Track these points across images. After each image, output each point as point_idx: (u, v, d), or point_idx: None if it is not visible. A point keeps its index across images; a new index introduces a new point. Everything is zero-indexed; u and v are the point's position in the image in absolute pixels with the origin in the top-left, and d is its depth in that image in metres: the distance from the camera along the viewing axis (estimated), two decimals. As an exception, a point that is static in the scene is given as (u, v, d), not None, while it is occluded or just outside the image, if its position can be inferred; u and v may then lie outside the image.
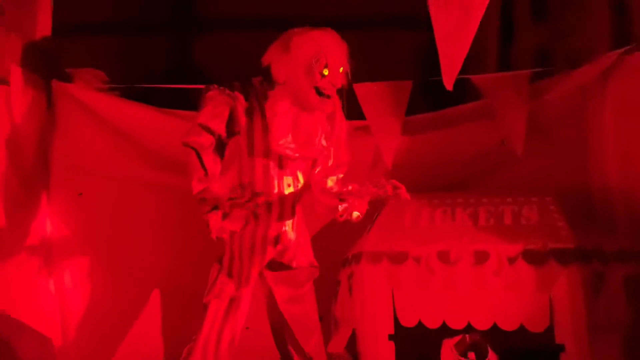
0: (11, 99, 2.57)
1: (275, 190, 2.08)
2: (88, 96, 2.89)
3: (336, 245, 2.71)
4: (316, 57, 2.02)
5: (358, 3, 4.01)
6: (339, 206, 2.07)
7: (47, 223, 2.80)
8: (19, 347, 0.84)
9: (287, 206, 2.10)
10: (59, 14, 2.89)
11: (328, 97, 2.07)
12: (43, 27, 2.82)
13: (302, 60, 2.03)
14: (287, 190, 2.09)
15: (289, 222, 2.12)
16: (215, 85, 2.12)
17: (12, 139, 2.60)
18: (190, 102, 3.12)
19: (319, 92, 2.05)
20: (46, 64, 2.84)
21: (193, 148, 2.04)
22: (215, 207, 1.95)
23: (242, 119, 2.07)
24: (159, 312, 2.83)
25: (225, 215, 1.97)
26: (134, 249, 2.86)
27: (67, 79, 2.91)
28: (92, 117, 2.86)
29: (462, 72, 3.04)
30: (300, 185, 2.13)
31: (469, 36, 1.82)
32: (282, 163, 2.08)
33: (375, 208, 2.67)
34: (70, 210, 2.84)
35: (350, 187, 2.07)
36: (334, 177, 2.17)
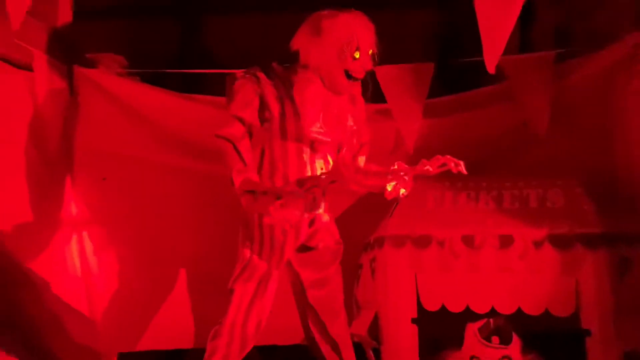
0: (35, 85, 2.59)
1: (309, 174, 2.08)
2: (109, 81, 2.90)
3: (357, 229, 2.72)
4: (348, 40, 2.01)
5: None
6: (388, 185, 2.08)
7: (72, 206, 2.83)
8: (70, 327, 0.86)
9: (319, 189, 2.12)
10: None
11: (356, 80, 2.06)
12: (64, 12, 2.83)
13: (334, 44, 2.02)
14: (320, 174, 2.10)
15: (322, 204, 2.13)
16: (241, 74, 2.12)
17: (37, 125, 2.63)
18: (202, 85, 3.12)
19: (348, 75, 2.05)
20: (68, 50, 2.84)
21: (229, 140, 2.03)
22: (278, 198, 1.96)
23: (273, 106, 2.07)
24: (186, 294, 2.87)
25: (283, 205, 1.98)
26: (158, 231, 2.88)
27: (88, 64, 2.92)
28: (114, 101, 2.87)
29: (482, 53, 3.01)
30: (330, 168, 2.14)
31: (512, 16, 1.79)
32: (314, 147, 2.08)
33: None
34: (94, 193, 2.86)
35: (396, 166, 2.08)
36: (363, 157, 2.18)
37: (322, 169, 2.11)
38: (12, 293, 0.78)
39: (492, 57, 1.88)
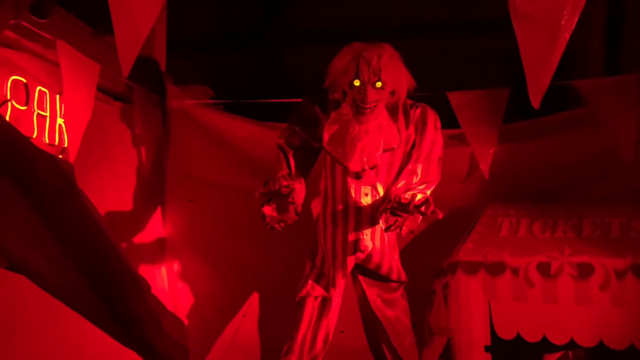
0: (133, 116, 2.86)
1: (352, 199, 2.12)
2: (197, 111, 3.12)
3: (429, 255, 2.72)
4: (345, 67, 2.05)
5: (449, 10, 3.96)
6: (382, 222, 2.03)
7: (163, 227, 3.06)
8: (165, 324, 0.99)
9: (364, 215, 2.14)
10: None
11: (364, 109, 2.04)
12: (159, 47, 3.10)
13: (336, 69, 2.09)
14: (364, 200, 2.13)
15: (367, 231, 2.14)
16: (309, 94, 2.24)
17: (134, 153, 2.89)
18: (282, 113, 3.27)
19: (356, 104, 2.05)
20: (161, 82, 3.11)
21: (281, 148, 2.16)
22: (270, 200, 2.04)
23: None
24: (257, 310, 2.98)
25: (280, 207, 2.05)
26: (237, 250, 3.03)
27: (179, 95, 3.17)
28: (202, 130, 3.09)
29: (565, 77, 2.93)
30: (378, 197, 2.15)
31: (556, 57, 1.79)
32: (359, 173, 2.12)
33: (469, 218, 2.65)
34: (182, 215, 3.08)
35: (400, 201, 2.01)
36: (412, 192, 2.13)
37: (366, 194, 2.13)
38: (123, 292, 0.93)
39: (537, 91, 1.85)
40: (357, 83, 2.04)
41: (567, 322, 2.24)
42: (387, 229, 2.04)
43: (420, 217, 2.04)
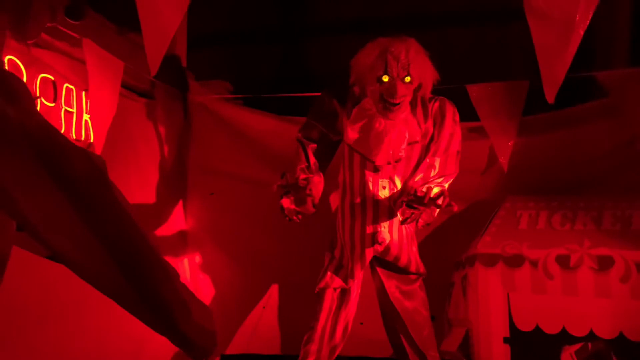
0: (156, 111, 2.92)
1: (370, 192, 2.14)
2: (218, 106, 3.17)
3: (448, 247, 2.74)
4: (373, 63, 2.04)
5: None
6: (399, 214, 2.04)
7: (185, 219, 3.13)
8: (192, 309, 1.05)
9: (382, 208, 2.16)
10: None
11: (393, 104, 2.05)
12: (180, 44, 3.16)
13: (363, 65, 2.08)
14: (382, 193, 2.15)
15: (385, 224, 2.17)
16: (330, 88, 2.26)
17: (157, 147, 2.96)
18: (302, 107, 3.30)
19: (384, 99, 2.06)
20: (182, 77, 3.17)
21: (300, 141, 2.20)
22: (288, 192, 2.07)
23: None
24: (277, 301, 3.03)
25: (298, 200, 2.08)
26: (257, 243, 3.08)
27: (200, 90, 3.23)
28: (222, 125, 3.14)
29: (588, 68, 2.90)
30: (396, 190, 2.17)
31: (570, 52, 1.78)
32: (377, 166, 2.14)
33: (488, 211, 2.66)
34: (203, 208, 3.14)
35: (415, 194, 2.02)
36: (430, 186, 2.12)
37: (384, 187, 2.15)
38: (153, 279, 1.00)
39: (552, 86, 1.84)
40: (385, 79, 2.03)
41: (586, 314, 2.24)
42: (403, 222, 2.06)
43: (437, 210, 2.05)
